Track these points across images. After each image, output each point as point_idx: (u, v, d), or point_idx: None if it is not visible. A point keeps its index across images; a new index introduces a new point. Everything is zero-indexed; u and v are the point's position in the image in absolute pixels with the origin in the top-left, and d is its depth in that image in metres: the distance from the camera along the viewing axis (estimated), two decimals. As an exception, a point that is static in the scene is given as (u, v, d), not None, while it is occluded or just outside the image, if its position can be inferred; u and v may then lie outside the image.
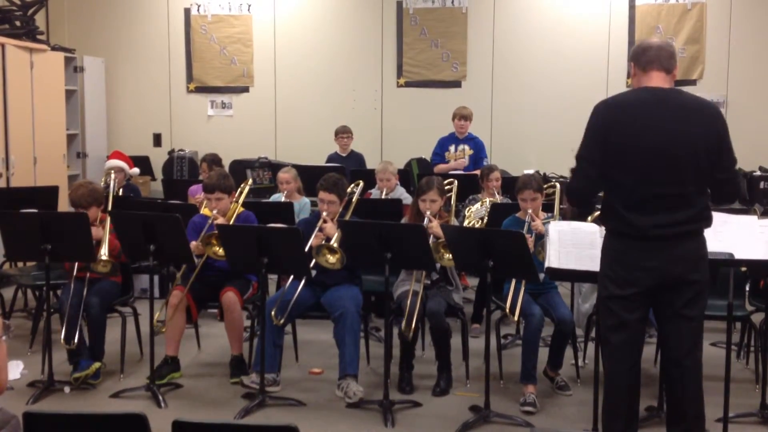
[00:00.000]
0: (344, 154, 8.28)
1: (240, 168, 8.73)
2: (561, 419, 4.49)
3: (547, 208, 5.39)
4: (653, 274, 3.39)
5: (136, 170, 7.49)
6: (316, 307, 4.97)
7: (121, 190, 6.76)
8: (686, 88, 8.71)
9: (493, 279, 4.42)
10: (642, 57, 3.49)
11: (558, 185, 5.59)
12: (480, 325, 5.87)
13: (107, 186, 6.46)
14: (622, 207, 3.43)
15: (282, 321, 4.72)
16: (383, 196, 6.56)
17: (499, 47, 9.30)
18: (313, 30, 9.61)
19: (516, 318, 4.74)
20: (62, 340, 4.84)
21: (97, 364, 4.88)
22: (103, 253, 4.91)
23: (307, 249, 4.67)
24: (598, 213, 4.92)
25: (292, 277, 4.98)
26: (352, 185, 5.41)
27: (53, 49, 8.72)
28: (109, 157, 7.51)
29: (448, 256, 4.66)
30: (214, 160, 7.00)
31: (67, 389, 4.76)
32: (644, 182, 3.39)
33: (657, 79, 3.46)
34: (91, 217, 5.02)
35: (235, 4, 9.66)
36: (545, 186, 5.36)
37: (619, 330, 3.49)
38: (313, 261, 4.69)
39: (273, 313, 4.71)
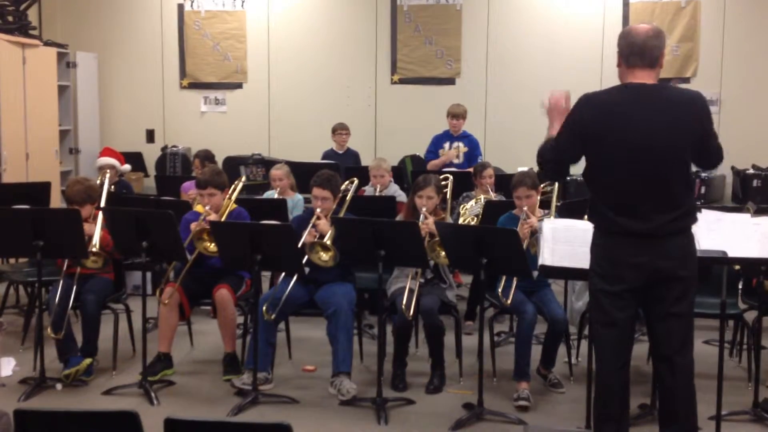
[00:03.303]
0: (341, 151, 8.26)
1: (233, 164, 8.71)
2: (554, 417, 4.49)
3: (545, 205, 5.37)
4: (641, 270, 3.39)
5: (127, 167, 7.47)
6: (310, 304, 4.96)
7: (113, 186, 6.73)
8: (680, 86, 8.74)
9: (486, 276, 4.42)
10: (625, 50, 3.43)
11: (556, 182, 5.56)
12: (473, 322, 5.87)
13: (102, 184, 6.42)
14: (608, 208, 3.42)
15: (273, 316, 4.70)
16: (377, 193, 6.55)
17: (493, 44, 9.30)
18: (307, 26, 9.59)
19: (509, 302, 4.72)
20: (49, 330, 4.80)
21: (88, 360, 4.86)
22: (94, 244, 4.88)
23: (299, 246, 4.65)
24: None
25: (284, 273, 4.97)
26: (347, 182, 5.39)
27: (46, 44, 8.69)
28: (100, 154, 7.48)
29: (444, 254, 4.66)
30: (206, 157, 6.98)
31: (59, 386, 4.74)
32: (630, 182, 3.38)
33: (640, 76, 3.41)
34: (85, 214, 5.01)
35: (228, 0, 9.63)
36: (543, 184, 5.33)
37: (609, 328, 3.49)
38: (306, 258, 4.68)
39: (264, 308, 4.69)
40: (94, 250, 4.87)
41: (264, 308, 4.69)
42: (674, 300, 3.43)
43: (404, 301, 4.70)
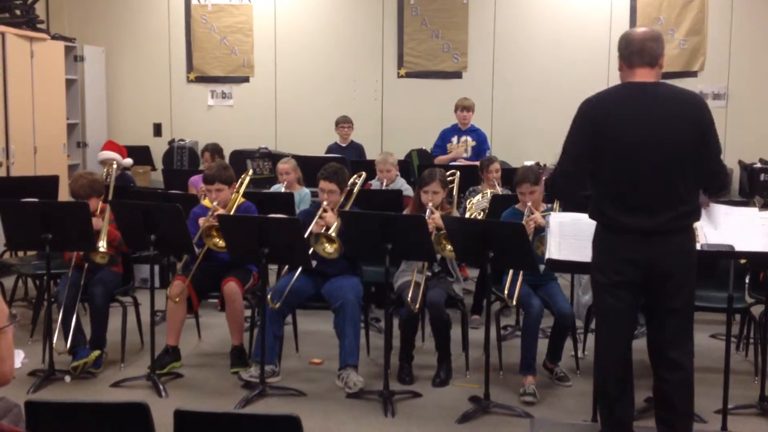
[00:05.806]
0: (344, 144, 8.27)
1: (240, 158, 8.72)
2: (560, 410, 4.50)
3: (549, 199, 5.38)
4: (640, 266, 3.42)
5: (129, 161, 7.43)
6: (317, 297, 4.97)
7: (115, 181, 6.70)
8: (688, 80, 8.75)
9: (493, 270, 4.43)
10: (625, 51, 3.49)
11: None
12: (480, 316, 5.88)
13: (108, 176, 6.43)
14: (609, 206, 3.45)
15: (278, 305, 4.68)
16: (383, 187, 6.56)
17: (499, 38, 9.28)
18: (314, 20, 9.59)
19: (514, 303, 4.74)
20: (54, 346, 4.83)
21: (96, 353, 4.89)
22: (101, 245, 4.91)
23: (306, 236, 4.67)
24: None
25: (287, 266, 4.99)
26: (355, 176, 5.40)
27: (53, 38, 8.70)
28: (102, 148, 7.47)
29: (450, 247, 4.66)
30: (216, 149, 7.00)
31: (67, 378, 4.77)
32: (631, 179, 3.40)
33: (641, 75, 3.46)
34: (91, 208, 5.02)
35: (235, -6, 9.64)
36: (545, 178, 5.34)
37: (607, 313, 3.55)
38: (311, 250, 4.69)
39: (269, 296, 4.71)
40: (102, 249, 4.89)
41: (269, 296, 4.71)
42: (671, 296, 3.46)
43: (410, 294, 4.71)
